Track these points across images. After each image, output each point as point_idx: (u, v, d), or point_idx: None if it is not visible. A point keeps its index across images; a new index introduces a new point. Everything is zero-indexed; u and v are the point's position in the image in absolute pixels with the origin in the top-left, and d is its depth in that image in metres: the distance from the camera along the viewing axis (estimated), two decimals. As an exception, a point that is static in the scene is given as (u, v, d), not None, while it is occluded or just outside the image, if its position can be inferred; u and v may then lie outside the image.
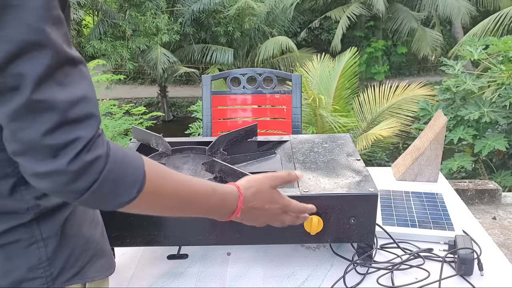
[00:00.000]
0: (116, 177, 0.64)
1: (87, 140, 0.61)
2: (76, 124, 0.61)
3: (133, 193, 0.66)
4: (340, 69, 5.67)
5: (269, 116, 2.16)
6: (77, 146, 0.60)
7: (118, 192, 0.65)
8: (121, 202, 0.67)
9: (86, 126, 0.62)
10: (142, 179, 0.67)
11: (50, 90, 0.59)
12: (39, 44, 0.58)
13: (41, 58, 0.59)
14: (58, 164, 0.60)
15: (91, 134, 0.62)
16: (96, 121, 0.64)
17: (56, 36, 0.60)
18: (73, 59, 0.63)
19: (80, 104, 0.62)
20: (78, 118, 0.61)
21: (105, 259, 0.83)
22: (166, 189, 0.72)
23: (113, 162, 0.64)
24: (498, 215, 3.39)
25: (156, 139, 1.33)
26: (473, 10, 11.38)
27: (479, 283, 1.09)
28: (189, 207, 0.78)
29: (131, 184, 0.66)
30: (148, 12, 10.60)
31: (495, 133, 4.54)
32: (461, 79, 4.50)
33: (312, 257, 1.20)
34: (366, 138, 5.14)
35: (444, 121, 1.58)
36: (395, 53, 13.18)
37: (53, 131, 0.59)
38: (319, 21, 12.85)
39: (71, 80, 0.62)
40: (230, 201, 0.82)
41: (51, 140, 0.59)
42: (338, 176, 1.13)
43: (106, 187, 0.64)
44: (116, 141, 4.37)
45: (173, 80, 12.27)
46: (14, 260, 0.70)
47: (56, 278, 0.73)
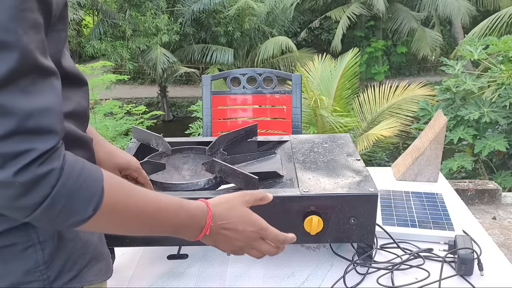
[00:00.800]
0: (71, 193, 0.60)
1: (40, 152, 0.57)
2: (32, 135, 0.57)
3: (89, 210, 0.62)
4: (341, 70, 5.68)
5: (269, 116, 2.16)
6: (28, 158, 0.57)
7: (72, 209, 0.61)
8: (76, 220, 0.63)
9: (43, 139, 0.58)
10: (99, 195, 0.63)
11: (9, 95, 0.56)
12: (6, 44, 0.55)
13: (5, 60, 0.55)
14: (4, 174, 0.56)
15: (47, 148, 0.58)
16: (56, 135, 0.60)
17: (28, 40, 0.57)
18: (44, 69, 0.60)
19: (42, 115, 0.58)
20: (35, 130, 0.58)
21: (103, 263, 0.82)
22: (127, 206, 0.68)
23: (68, 176, 0.60)
24: (498, 215, 3.39)
25: (156, 139, 1.33)
26: (473, 10, 11.38)
27: (479, 283, 1.09)
28: (155, 225, 0.74)
29: (87, 201, 0.62)
30: (148, 12, 10.60)
31: (495, 133, 4.54)
32: (461, 79, 4.50)
33: (312, 257, 1.20)
34: (367, 139, 5.14)
35: (444, 121, 1.58)
36: (395, 53, 13.18)
37: (5, 138, 0.56)
38: (319, 21, 12.86)
39: (37, 90, 0.58)
40: (198, 217, 0.78)
41: (0, 148, 0.56)
42: (338, 176, 1.13)
43: (59, 204, 0.60)
44: (117, 141, 4.37)
45: (173, 80, 12.27)
46: (11, 263, 0.69)
47: (53, 281, 0.72)
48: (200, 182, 1.12)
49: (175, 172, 1.24)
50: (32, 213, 0.59)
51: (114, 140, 4.37)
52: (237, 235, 0.82)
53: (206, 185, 1.12)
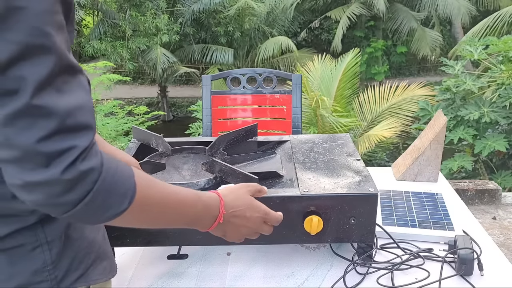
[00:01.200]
0: (109, 188, 0.63)
1: (82, 149, 0.60)
2: (72, 133, 0.59)
3: (125, 203, 0.65)
4: (341, 70, 5.67)
5: (269, 116, 2.16)
6: (72, 155, 0.59)
7: (110, 203, 0.64)
8: (113, 214, 0.65)
9: (82, 135, 0.60)
10: (133, 189, 0.66)
11: (49, 96, 0.58)
12: (44, 48, 0.57)
13: (44, 63, 0.57)
14: (51, 173, 0.58)
15: (86, 144, 0.61)
16: (92, 131, 0.62)
17: (60, 41, 0.59)
18: (73, 67, 0.62)
19: (78, 113, 0.60)
20: (74, 127, 0.60)
21: (107, 262, 0.83)
22: (154, 198, 0.72)
23: (107, 171, 0.63)
24: (498, 215, 3.39)
25: (156, 139, 1.33)
26: (473, 10, 11.38)
27: (479, 283, 1.09)
28: (176, 216, 0.78)
29: (123, 195, 0.65)
30: (148, 12, 10.60)
31: (495, 133, 4.54)
32: (461, 79, 4.50)
33: (312, 257, 1.20)
34: (368, 139, 5.13)
35: (444, 121, 1.58)
36: (395, 53, 13.19)
37: (48, 138, 0.57)
38: (319, 21, 12.86)
39: (70, 88, 0.61)
40: (212, 207, 0.82)
41: (45, 148, 0.57)
42: (338, 176, 1.13)
43: (99, 198, 0.62)
44: (118, 141, 4.37)
45: (173, 80, 12.28)
46: (19, 264, 0.70)
47: (61, 281, 0.72)
48: (200, 182, 1.12)
49: (175, 172, 1.24)
50: (73, 208, 0.61)
51: (115, 140, 4.37)
52: (245, 222, 0.88)
53: (206, 185, 1.12)
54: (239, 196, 0.88)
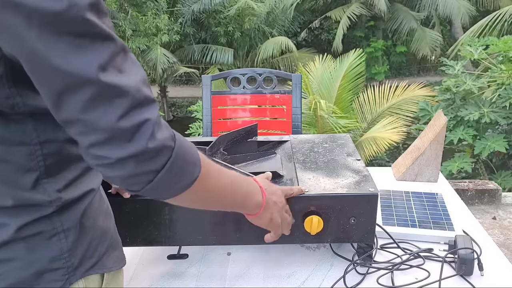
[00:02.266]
0: (183, 156, 0.68)
1: (155, 119, 0.64)
2: (142, 107, 0.63)
3: (196, 172, 0.70)
4: (343, 71, 5.66)
5: (269, 116, 2.16)
6: (149, 127, 0.63)
7: (184, 171, 0.69)
8: (185, 184, 0.70)
9: (150, 107, 0.65)
10: (199, 159, 0.71)
11: (115, 77, 0.61)
12: (97, 35, 0.60)
13: (102, 49, 0.60)
14: (138, 145, 0.62)
15: (157, 114, 0.65)
16: (155, 102, 0.66)
17: (107, 26, 0.62)
18: (124, 46, 0.65)
19: (142, 87, 0.64)
20: (143, 101, 0.64)
21: (119, 251, 0.85)
22: (213, 170, 0.77)
23: (180, 141, 0.68)
24: (498, 215, 3.39)
25: (156, 139, 1.33)
26: (473, 10, 11.38)
27: (479, 283, 1.09)
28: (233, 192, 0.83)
29: (193, 164, 0.70)
30: (149, 12, 10.60)
31: (495, 133, 4.54)
32: (461, 79, 4.49)
33: (312, 257, 1.20)
34: (376, 143, 5.09)
35: (444, 121, 1.58)
36: (395, 53, 13.19)
37: (126, 114, 0.62)
38: (319, 21, 12.86)
39: (128, 67, 0.64)
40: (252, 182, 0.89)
41: (126, 124, 0.61)
42: (338, 176, 1.13)
43: (177, 165, 0.67)
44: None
45: (173, 80, 12.28)
46: (37, 251, 0.72)
47: (77, 268, 0.74)
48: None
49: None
50: (155, 177, 0.65)
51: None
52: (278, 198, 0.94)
53: (206, 185, 1.12)
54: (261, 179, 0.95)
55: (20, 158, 0.68)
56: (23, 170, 0.69)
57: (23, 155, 0.68)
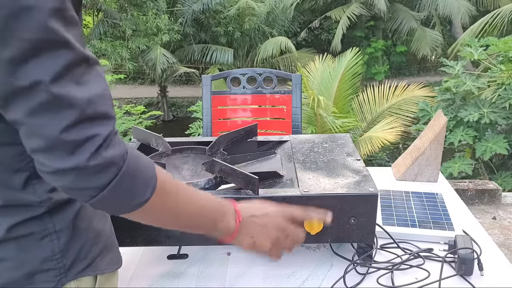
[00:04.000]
0: (133, 175, 0.65)
1: (104, 137, 0.62)
2: (93, 122, 0.62)
3: (147, 193, 0.67)
4: (341, 70, 5.66)
5: (269, 116, 2.16)
6: (95, 143, 0.61)
7: (134, 191, 0.66)
8: (135, 203, 0.67)
9: (103, 123, 0.63)
10: (155, 178, 0.68)
11: (68, 88, 0.60)
12: (56, 43, 0.59)
13: (58, 56, 0.59)
14: (78, 160, 0.61)
15: (108, 132, 0.63)
16: (112, 119, 0.65)
17: (72, 36, 0.61)
18: (89, 59, 0.64)
19: (97, 102, 0.63)
20: (95, 116, 0.62)
21: (114, 253, 0.85)
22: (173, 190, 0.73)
23: (131, 159, 0.65)
24: (498, 215, 3.39)
25: (156, 139, 1.33)
26: (473, 9, 11.38)
27: (479, 283, 1.09)
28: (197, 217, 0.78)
29: (146, 183, 0.67)
30: (150, 12, 10.59)
31: (495, 134, 4.54)
32: (461, 80, 4.49)
33: (312, 257, 1.20)
34: (371, 142, 5.11)
35: (444, 121, 1.58)
36: (395, 53, 13.19)
37: (72, 127, 0.60)
38: (319, 21, 12.86)
39: (88, 79, 0.63)
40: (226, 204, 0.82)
41: (69, 137, 0.60)
42: (338, 176, 1.13)
43: (124, 185, 0.64)
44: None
45: (173, 80, 12.28)
46: (28, 252, 0.72)
47: (69, 270, 0.74)
48: (200, 182, 1.12)
49: (175, 172, 1.24)
50: (99, 193, 0.63)
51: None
52: (269, 220, 0.85)
53: (206, 185, 1.12)
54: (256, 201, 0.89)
55: (9, 158, 0.69)
56: (13, 170, 0.69)
57: (13, 156, 0.69)
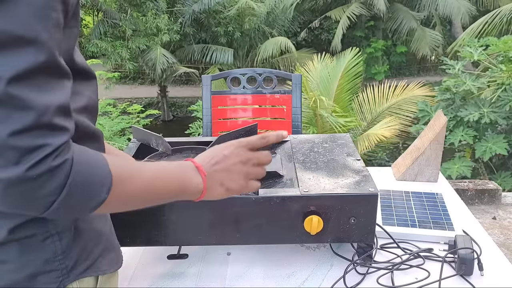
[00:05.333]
0: (85, 179, 0.62)
1: (54, 147, 0.58)
2: (47, 131, 0.58)
3: (103, 193, 0.63)
4: (341, 70, 5.66)
5: (269, 116, 2.16)
6: (43, 152, 0.57)
7: (88, 195, 0.63)
8: (93, 206, 0.64)
9: (56, 134, 0.59)
10: (110, 177, 0.64)
11: (27, 90, 0.57)
12: (29, 40, 0.56)
13: (27, 55, 0.56)
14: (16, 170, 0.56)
15: (60, 143, 0.59)
16: (68, 133, 0.61)
17: (50, 38, 0.58)
18: (60, 68, 0.61)
19: (56, 113, 0.59)
20: (50, 126, 0.58)
21: (114, 253, 0.85)
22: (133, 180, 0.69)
23: (79, 163, 0.61)
24: (498, 215, 3.39)
25: (156, 139, 1.33)
26: (473, 9, 11.38)
27: (479, 283, 1.09)
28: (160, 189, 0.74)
29: (100, 184, 0.63)
30: (150, 12, 10.59)
31: (494, 134, 4.54)
32: (461, 79, 4.49)
33: (312, 257, 1.20)
34: (368, 139, 5.13)
35: (444, 121, 1.58)
36: (395, 53, 13.18)
37: (23, 132, 0.56)
38: (319, 21, 12.85)
39: (52, 88, 0.59)
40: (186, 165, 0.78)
41: (17, 142, 0.56)
42: (338, 176, 1.13)
43: (76, 192, 0.61)
44: (114, 140, 4.36)
45: (173, 80, 12.27)
46: (30, 253, 0.71)
47: (71, 271, 0.74)
48: None
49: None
50: (51, 205, 0.60)
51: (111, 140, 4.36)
52: (231, 160, 0.81)
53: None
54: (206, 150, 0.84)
55: None
56: None
57: None
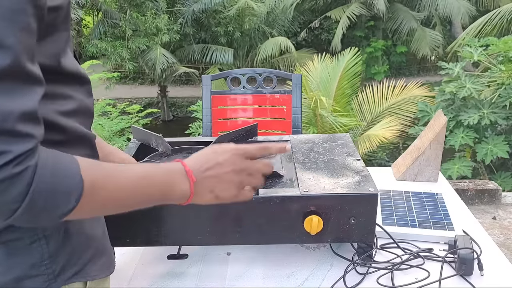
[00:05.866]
0: (49, 187, 0.59)
1: (16, 154, 0.55)
2: (9, 137, 0.56)
3: (71, 202, 0.60)
4: (340, 69, 5.67)
5: (269, 116, 2.16)
6: (3, 159, 0.55)
7: (54, 203, 0.60)
8: (60, 214, 0.61)
9: (20, 141, 0.56)
10: (79, 184, 0.61)
11: None
12: None
13: None
14: None
15: (23, 150, 0.56)
16: (34, 139, 0.58)
17: (17, 43, 0.56)
18: (29, 74, 0.59)
19: (19, 119, 0.56)
20: (13, 132, 0.56)
21: (106, 258, 0.82)
22: (108, 186, 0.66)
23: (43, 170, 0.58)
24: (498, 215, 3.39)
25: (156, 139, 1.33)
26: (473, 10, 11.38)
27: (479, 283, 1.09)
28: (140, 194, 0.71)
29: (68, 193, 0.60)
30: (149, 12, 10.59)
31: (494, 134, 4.54)
32: (461, 82, 4.49)
33: (312, 257, 1.20)
34: (369, 140, 5.12)
35: (444, 121, 1.58)
36: (395, 53, 13.18)
37: None
38: (319, 21, 12.85)
39: (17, 94, 0.57)
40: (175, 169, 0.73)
41: None
42: (338, 176, 1.13)
43: (40, 200, 0.58)
44: (113, 141, 4.36)
45: (173, 80, 12.27)
46: (17, 257, 0.70)
47: (58, 276, 0.72)
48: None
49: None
50: (13, 214, 0.57)
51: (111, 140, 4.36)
52: (224, 169, 0.76)
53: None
54: (200, 152, 0.79)
55: None
56: None
57: None
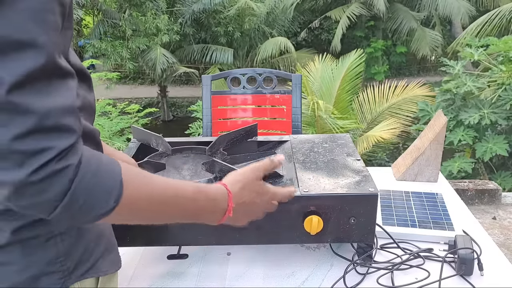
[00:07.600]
0: (90, 187, 0.60)
1: (59, 150, 0.58)
2: (50, 134, 0.58)
3: (110, 203, 0.62)
4: (343, 71, 5.67)
5: (269, 116, 2.16)
6: (47, 155, 0.57)
7: (93, 203, 0.61)
8: (98, 214, 0.63)
9: (61, 137, 0.58)
10: (119, 187, 0.63)
11: (28, 95, 0.56)
12: (27, 44, 0.56)
13: (26, 59, 0.56)
14: (20, 173, 0.56)
15: (65, 146, 0.58)
16: (74, 133, 0.60)
17: (49, 41, 0.58)
18: (62, 69, 0.61)
19: (59, 115, 0.58)
20: (54, 128, 0.58)
21: (114, 254, 0.85)
22: (146, 194, 0.68)
23: (86, 170, 0.60)
24: (498, 215, 3.39)
25: (156, 139, 1.33)
26: (473, 10, 11.38)
27: (479, 283, 1.09)
28: (175, 211, 0.74)
29: (108, 194, 0.62)
30: (149, 12, 10.60)
31: (495, 134, 4.54)
32: (461, 80, 4.49)
33: (312, 257, 1.20)
34: (367, 140, 5.13)
35: (444, 121, 1.58)
36: (395, 53, 13.18)
37: (24, 136, 0.56)
38: (319, 21, 12.86)
39: (55, 90, 0.59)
40: (219, 200, 0.79)
41: (20, 146, 0.56)
42: (338, 176, 1.13)
43: (80, 198, 0.60)
44: (113, 140, 4.36)
45: (173, 80, 12.28)
46: (33, 255, 0.71)
47: (72, 272, 0.74)
48: (200, 182, 1.12)
49: (175, 172, 1.24)
50: (54, 210, 0.59)
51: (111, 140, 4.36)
52: (255, 208, 0.88)
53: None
54: (247, 185, 0.85)
55: None
56: None
57: None
